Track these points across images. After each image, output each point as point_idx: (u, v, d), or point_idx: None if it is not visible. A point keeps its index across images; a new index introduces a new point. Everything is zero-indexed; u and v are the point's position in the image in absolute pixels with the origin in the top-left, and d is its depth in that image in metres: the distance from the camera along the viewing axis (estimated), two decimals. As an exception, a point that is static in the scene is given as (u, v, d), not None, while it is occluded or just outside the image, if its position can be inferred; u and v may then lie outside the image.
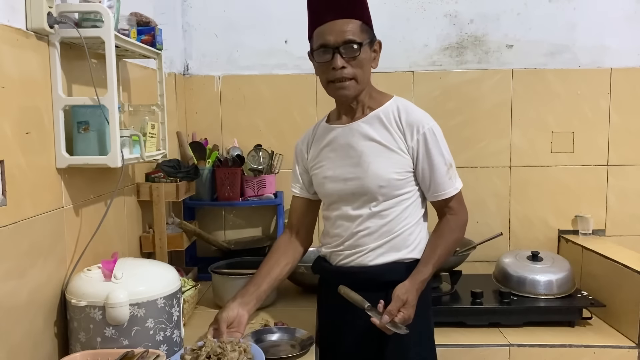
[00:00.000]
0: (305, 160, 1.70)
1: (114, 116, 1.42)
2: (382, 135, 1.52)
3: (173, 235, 2.11)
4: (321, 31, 1.48)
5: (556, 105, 2.60)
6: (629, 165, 2.62)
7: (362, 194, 1.53)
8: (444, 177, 1.52)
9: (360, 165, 1.52)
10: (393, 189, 1.51)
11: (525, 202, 2.63)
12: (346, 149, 1.56)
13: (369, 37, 1.49)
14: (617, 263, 2.10)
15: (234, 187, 2.46)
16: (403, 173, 1.51)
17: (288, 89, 2.62)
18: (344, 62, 1.46)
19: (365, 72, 1.50)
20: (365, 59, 1.48)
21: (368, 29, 1.49)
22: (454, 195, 1.54)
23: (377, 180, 1.50)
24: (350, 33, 1.45)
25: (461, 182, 1.57)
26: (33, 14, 1.30)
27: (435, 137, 1.50)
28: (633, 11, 2.57)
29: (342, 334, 1.62)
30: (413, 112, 1.53)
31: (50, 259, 1.39)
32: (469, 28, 2.60)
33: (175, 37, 2.51)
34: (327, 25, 1.46)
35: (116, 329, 1.35)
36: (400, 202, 1.52)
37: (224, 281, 1.99)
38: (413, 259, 1.54)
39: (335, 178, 1.57)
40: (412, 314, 1.43)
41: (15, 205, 1.24)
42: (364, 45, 1.46)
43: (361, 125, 1.54)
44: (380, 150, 1.51)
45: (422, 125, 1.50)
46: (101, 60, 1.46)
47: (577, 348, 1.96)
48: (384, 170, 1.50)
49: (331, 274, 1.64)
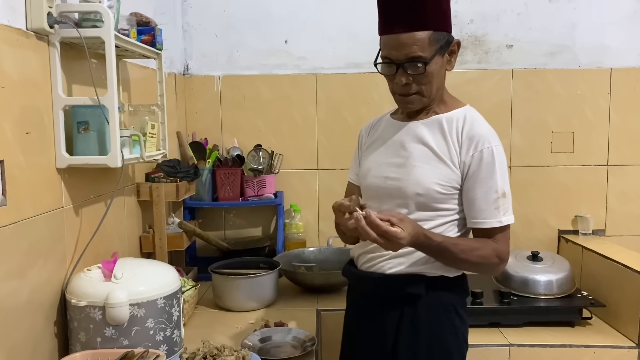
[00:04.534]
0: (362, 147, 1.59)
1: (114, 116, 1.42)
2: (437, 142, 1.41)
3: (173, 235, 2.11)
4: (386, 42, 1.37)
5: (556, 105, 2.60)
6: (629, 165, 2.61)
7: (398, 196, 1.42)
8: (489, 205, 1.36)
9: (404, 167, 1.42)
10: (431, 201, 1.39)
11: (525, 202, 2.63)
12: (397, 146, 1.46)
13: (442, 44, 1.36)
14: (617, 263, 2.10)
15: (234, 187, 2.46)
16: (447, 187, 1.38)
17: (288, 89, 2.62)
18: (408, 77, 1.37)
19: (433, 84, 1.39)
20: (434, 72, 1.37)
21: (440, 37, 1.35)
22: (496, 227, 1.37)
23: (417, 187, 1.39)
24: (418, 49, 1.33)
25: (512, 219, 1.39)
26: (33, 14, 1.30)
27: (493, 158, 1.36)
28: (633, 11, 2.57)
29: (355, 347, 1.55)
30: (479, 126, 1.41)
31: (50, 259, 1.39)
32: (469, 28, 2.60)
33: (175, 37, 2.51)
34: (393, 37, 1.35)
35: (116, 329, 1.35)
36: (436, 217, 1.40)
37: (224, 281, 1.99)
38: (439, 276, 1.41)
39: (378, 173, 1.47)
40: (403, 241, 1.25)
41: (15, 205, 1.24)
42: (432, 59, 1.34)
43: (419, 127, 1.44)
44: (429, 157, 1.40)
45: (483, 143, 1.37)
46: (101, 60, 1.46)
47: (577, 348, 1.96)
48: (426, 179, 1.38)
49: (354, 277, 1.56)
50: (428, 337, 1.42)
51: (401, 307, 1.43)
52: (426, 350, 1.42)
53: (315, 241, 2.64)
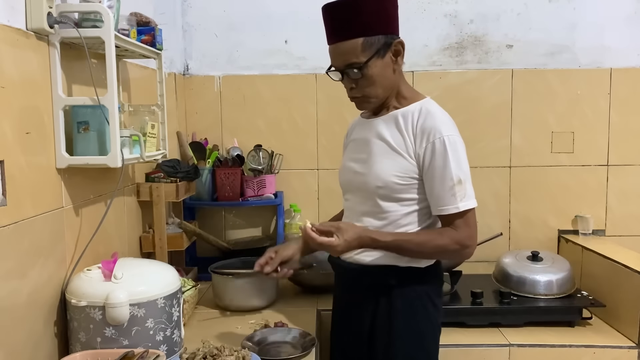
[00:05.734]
0: (345, 147, 1.72)
1: (114, 116, 1.42)
2: (394, 137, 1.49)
3: (173, 235, 2.10)
4: (329, 52, 1.49)
5: (556, 105, 2.60)
6: (629, 165, 2.61)
7: (364, 190, 1.53)
8: (445, 192, 1.43)
9: (367, 162, 1.53)
10: (392, 192, 1.48)
11: (525, 202, 2.63)
12: (363, 143, 1.57)
13: (378, 47, 1.43)
14: (617, 263, 2.10)
15: (234, 187, 2.46)
16: (405, 178, 1.47)
17: (288, 89, 2.62)
18: (351, 82, 1.48)
19: (378, 85, 1.47)
20: (374, 74, 1.44)
21: (374, 40, 1.42)
22: (455, 214, 1.43)
23: (377, 180, 1.49)
24: (352, 56, 1.43)
25: (472, 204, 1.45)
26: (33, 14, 1.30)
27: (445, 148, 1.42)
28: (633, 11, 2.57)
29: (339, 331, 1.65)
30: (432, 118, 1.46)
31: (50, 259, 1.39)
32: (469, 28, 2.60)
33: (175, 37, 2.51)
34: (332, 47, 1.48)
35: (116, 329, 1.35)
36: (401, 207, 1.49)
37: (224, 281, 1.99)
38: (409, 267, 1.50)
39: (348, 169, 1.60)
40: (338, 248, 1.42)
41: (15, 205, 1.24)
42: (368, 63, 1.42)
43: (379, 123, 1.54)
44: (387, 151, 1.50)
45: (434, 134, 1.43)
46: (101, 60, 1.46)
47: (577, 348, 1.96)
48: (384, 172, 1.48)
49: (336, 268, 1.66)
50: (402, 322, 1.51)
51: (377, 295, 1.53)
52: (400, 333, 1.51)
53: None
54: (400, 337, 1.51)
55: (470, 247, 1.47)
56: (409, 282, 1.51)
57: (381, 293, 1.52)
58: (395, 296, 1.51)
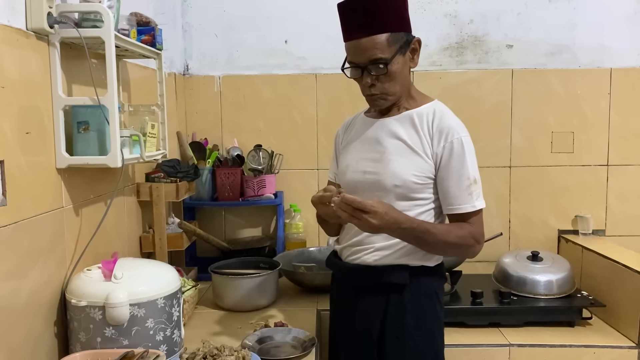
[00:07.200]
0: (339, 146, 1.69)
1: (114, 116, 1.42)
2: (410, 136, 1.49)
3: (173, 235, 2.11)
4: (349, 48, 1.47)
5: (556, 105, 2.60)
6: (629, 165, 2.62)
7: (377, 189, 1.50)
8: (462, 191, 1.45)
9: (381, 161, 1.51)
10: (408, 191, 1.47)
11: (525, 202, 2.63)
12: (373, 143, 1.55)
13: (401, 44, 1.44)
14: (617, 263, 2.10)
15: (234, 187, 2.46)
16: (422, 177, 1.47)
17: (288, 89, 2.62)
18: (373, 79, 1.46)
19: (398, 82, 1.48)
20: (397, 71, 1.45)
21: (398, 36, 1.44)
22: (470, 212, 1.46)
23: (394, 179, 1.47)
24: (378, 51, 1.42)
25: (483, 204, 1.48)
26: (33, 14, 1.30)
27: (462, 148, 1.45)
28: (633, 11, 2.57)
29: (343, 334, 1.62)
30: (447, 118, 1.49)
31: (50, 259, 1.39)
32: (469, 28, 2.60)
33: (175, 37, 2.51)
34: (354, 43, 1.44)
35: (116, 329, 1.35)
36: (414, 207, 1.48)
37: (224, 281, 1.99)
38: (420, 265, 1.50)
39: (356, 169, 1.56)
40: (377, 210, 1.34)
41: (15, 205, 1.24)
42: (393, 58, 1.43)
43: (392, 123, 1.53)
44: (404, 150, 1.49)
45: (452, 134, 1.46)
46: (101, 60, 1.46)
47: (577, 348, 1.95)
48: (402, 170, 1.47)
49: (338, 269, 1.64)
50: (413, 320, 1.51)
51: (387, 294, 1.51)
52: (412, 332, 1.50)
53: (315, 241, 2.64)
54: (412, 336, 1.50)
55: (481, 244, 1.50)
56: (420, 281, 1.51)
57: (392, 292, 1.51)
58: (407, 295, 1.50)
